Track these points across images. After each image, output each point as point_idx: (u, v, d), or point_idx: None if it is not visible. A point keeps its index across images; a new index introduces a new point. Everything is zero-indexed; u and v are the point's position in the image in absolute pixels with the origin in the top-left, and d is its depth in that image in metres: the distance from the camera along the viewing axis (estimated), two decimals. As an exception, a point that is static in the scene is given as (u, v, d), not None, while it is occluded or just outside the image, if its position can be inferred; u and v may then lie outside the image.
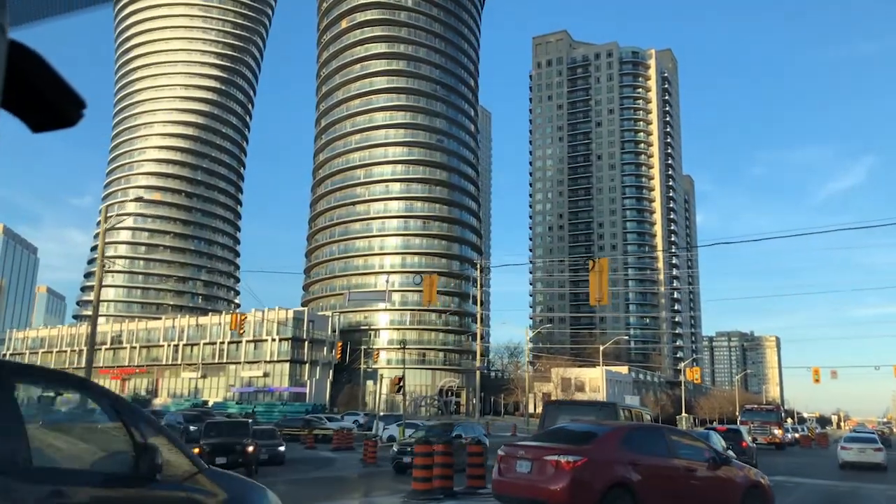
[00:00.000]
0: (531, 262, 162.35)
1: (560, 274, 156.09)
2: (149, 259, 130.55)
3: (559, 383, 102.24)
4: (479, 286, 71.52)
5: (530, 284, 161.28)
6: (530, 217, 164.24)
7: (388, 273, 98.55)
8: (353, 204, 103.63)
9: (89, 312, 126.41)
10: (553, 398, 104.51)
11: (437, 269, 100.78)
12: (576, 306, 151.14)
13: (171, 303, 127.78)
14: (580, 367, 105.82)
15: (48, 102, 0.86)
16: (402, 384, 33.72)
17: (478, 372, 73.78)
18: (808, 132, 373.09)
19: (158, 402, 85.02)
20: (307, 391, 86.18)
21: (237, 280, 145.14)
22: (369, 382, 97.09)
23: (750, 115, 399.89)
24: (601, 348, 73.32)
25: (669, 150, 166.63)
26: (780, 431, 41.13)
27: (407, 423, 36.20)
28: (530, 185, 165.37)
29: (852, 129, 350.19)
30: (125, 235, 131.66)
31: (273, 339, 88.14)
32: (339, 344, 67.62)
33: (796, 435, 57.05)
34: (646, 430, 11.38)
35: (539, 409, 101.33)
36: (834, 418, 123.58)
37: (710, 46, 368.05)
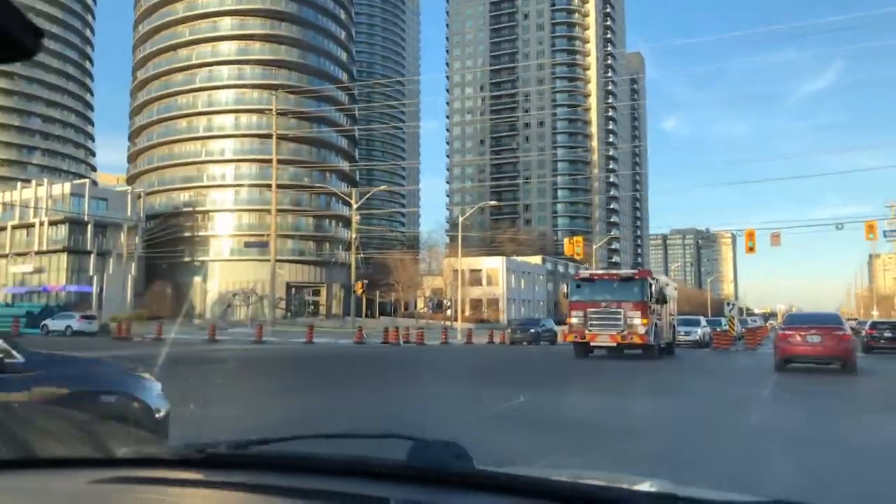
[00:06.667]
0: (448, 146, 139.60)
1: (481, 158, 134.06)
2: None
3: (450, 276, 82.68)
4: (273, 137, 49.58)
5: (447, 170, 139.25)
6: (447, 90, 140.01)
7: (218, 137, 75.46)
8: (174, 48, 78.54)
9: None
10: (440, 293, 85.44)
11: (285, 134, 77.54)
12: (497, 193, 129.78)
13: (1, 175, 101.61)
14: (476, 256, 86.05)
15: (4, 34, 0.81)
16: None
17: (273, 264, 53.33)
18: (782, 34, 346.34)
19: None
20: (94, 290, 64.31)
21: (91, 153, 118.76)
22: (196, 279, 75.65)
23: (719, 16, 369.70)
24: (487, 234, 52.33)
25: (608, 10, 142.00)
26: (645, 321, 20.23)
27: None
28: (447, 51, 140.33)
29: (826, 31, 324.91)
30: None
31: (42, 223, 65.13)
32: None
33: (715, 331, 37.31)
34: None
35: (420, 307, 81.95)
36: (780, 310, 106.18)
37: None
